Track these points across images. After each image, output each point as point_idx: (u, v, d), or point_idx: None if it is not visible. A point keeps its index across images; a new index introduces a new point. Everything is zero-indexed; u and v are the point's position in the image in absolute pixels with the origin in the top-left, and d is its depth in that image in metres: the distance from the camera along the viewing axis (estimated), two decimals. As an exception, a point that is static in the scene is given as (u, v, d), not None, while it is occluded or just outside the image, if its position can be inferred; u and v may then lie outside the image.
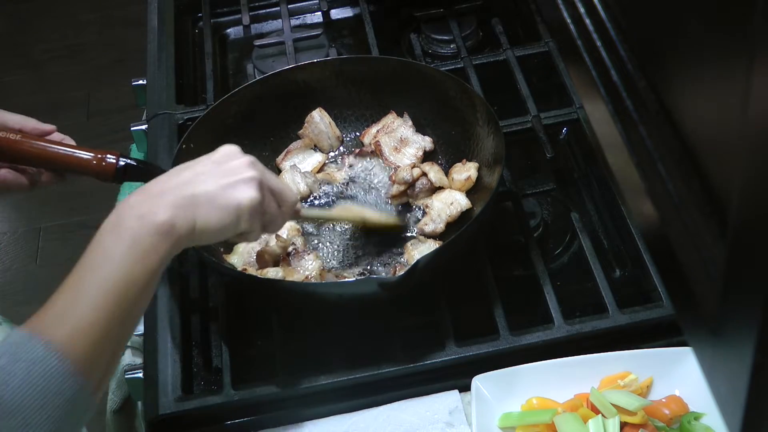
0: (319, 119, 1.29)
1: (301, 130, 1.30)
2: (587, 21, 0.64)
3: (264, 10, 1.65)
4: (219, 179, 0.91)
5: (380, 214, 1.20)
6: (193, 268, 1.20)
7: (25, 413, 0.74)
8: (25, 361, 0.75)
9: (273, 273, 1.11)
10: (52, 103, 3.10)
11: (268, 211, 0.95)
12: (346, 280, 1.12)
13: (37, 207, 2.76)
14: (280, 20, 1.58)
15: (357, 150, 1.29)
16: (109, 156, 1.08)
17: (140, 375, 1.12)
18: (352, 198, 1.25)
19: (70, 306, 0.80)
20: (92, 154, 1.08)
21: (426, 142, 1.27)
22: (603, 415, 0.96)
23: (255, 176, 0.93)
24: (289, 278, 1.11)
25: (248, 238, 0.98)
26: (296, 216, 1.06)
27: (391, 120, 1.28)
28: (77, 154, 1.08)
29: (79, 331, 0.79)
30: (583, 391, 1.00)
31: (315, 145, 1.30)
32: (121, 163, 1.08)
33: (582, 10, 0.65)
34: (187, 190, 0.88)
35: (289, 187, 1.00)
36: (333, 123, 1.30)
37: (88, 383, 0.79)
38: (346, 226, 1.21)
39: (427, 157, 1.27)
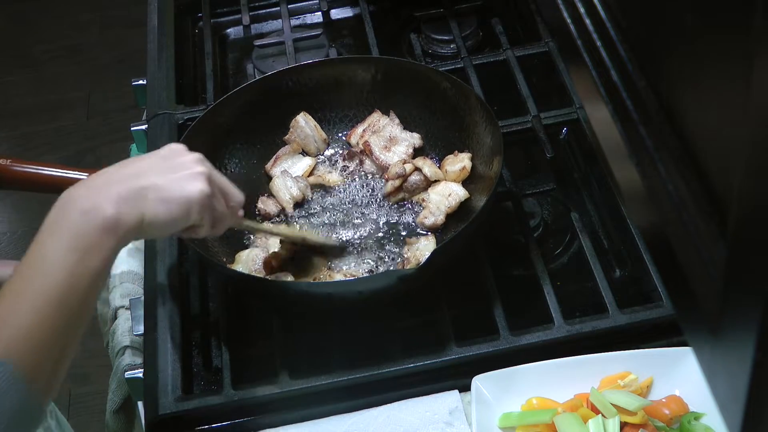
0: (304, 123, 1.29)
1: (287, 136, 1.30)
2: (587, 21, 0.65)
3: (264, 10, 1.65)
4: (168, 173, 0.89)
5: (320, 237, 1.18)
6: (192, 269, 1.20)
7: None
8: None
9: (283, 277, 1.11)
10: (52, 103, 3.10)
11: (217, 208, 0.94)
12: (365, 276, 1.12)
13: (37, 207, 2.74)
14: (280, 20, 1.58)
15: (346, 151, 1.30)
16: None
17: (140, 375, 1.12)
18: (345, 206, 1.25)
19: (10, 311, 0.77)
20: (86, 175, 1.08)
21: (415, 138, 1.27)
22: (603, 415, 0.96)
23: (204, 171, 0.92)
24: (299, 280, 1.11)
25: (197, 233, 0.96)
26: (239, 220, 1.04)
27: (376, 119, 1.29)
28: (71, 176, 1.08)
29: (19, 337, 0.76)
30: (583, 391, 1.00)
31: (302, 150, 1.30)
32: None
33: (582, 10, 0.65)
34: (134, 183, 0.86)
35: (235, 187, 0.99)
36: (318, 126, 1.30)
37: (34, 389, 0.76)
38: (343, 228, 1.21)
39: (417, 153, 1.27)
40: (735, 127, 0.44)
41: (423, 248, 1.13)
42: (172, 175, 0.89)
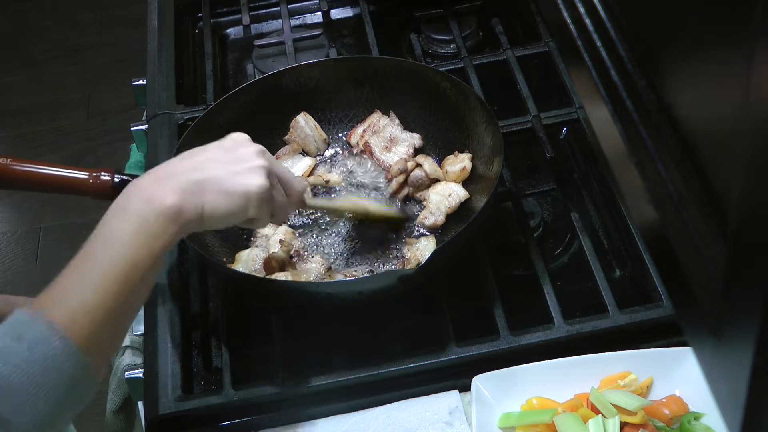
0: (304, 123, 1.29)
1: (287, 136, 1.30)
2: (587, 21, 0.65)
3: (264, 10, 1.65)
4: (228, 166, 0.91)
5: (383, 207, 1.21)
6: (192, 269, 1.20)
7: (28, 391, 0.74)
8: (27, 340, 0.76)
9: (283, 278, 1.11)
10: (52, 103, 3.10)
11: (276, 199, 0.96)
12: (365, 276, 1.12)
13: (37, 207, 2.76)
14: (280, 20, 1.58)
15: (346, 151, 1.30)
16: (103, 174, 1.08)
17: (140, 375, 1.12)
18: (357, 189, 1.25)
19: (74, 287, 0.81)
20: (87, 174, 1.08)
21: (415, 139, 1.27)
22: (603, 415, 0.96)
23: (264, 164, 0.93)
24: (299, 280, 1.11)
25: (256, 225, 0.99)
26: (302, 205, 1.06)
27: (376, 119, 1.29)
28: (71, 175, 1.08)
29: (81, 312, 0.79)
30: (583, 391, 1.00)
31: (303, 150, 1.30)
32: (117, 179, 1.08)
33: (582, 10, 0.65)
34: (195, 175, 0.89)
35: (296, 176, 1.01)
36: (318, 126, 1.30)
37: (90, 364, 0.79)
38: (344, 227, 1.21)
39: (417, 153, 1.27)
40: (735, 127, 0.44)
41: (423, 248, 1.13)
42: (233, 168, 0.91)
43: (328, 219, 1.22)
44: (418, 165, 1.22)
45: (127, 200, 0.86)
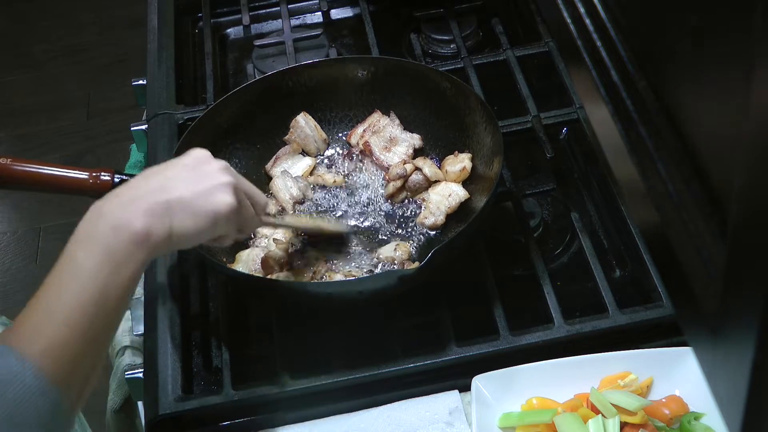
0: (304, 123, 1.29)
1: (287, 136, 1.30)
2: (587, 21, 0.64)
3: (264, 10, 1.65)
4: (193, 185, 0.89)
5: (333, 224, 1.20)
6: (192, 269, 1.20)
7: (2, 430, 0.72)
8: None
9: (283, 277, 1.11)
10: (52, 103, 3.10)
11: (244, 214, 0.94)
12: (365, 276, 1.12)
13: (37, 207, 2.76)
14: (280, 20, 1.58)
15: (346, 151, 1.30)
16: (103, 174, 1.08)
17: (140, 375, 1.12)
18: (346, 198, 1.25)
19: (44, 321, 0.78)
20: (87, 174, 1.08)
21: (415, 139, 1.27)
22: (603, 415, 0.96)
23: (230, 181, 0.92)
24: (298, 280, 1.11)
25: (222, 242, 0.97)
26: (262, 222, 1.04)
27: (376, 119, 1.29)
28: (71, 175, 1.08)
29: (53, 347, 0.76)
30: (583, 391, 1.00)
31: (303, 150, 1.30)
32: (117, 179, 1.08)
33: (582, 10, 0.65)
34: (161, 197, 0.86)
35: (260, 191, 1.00)
36: (318, 126, 1.30)
37: (65, 399, 0.76)
38: (342, 221, 1.21)
39: (417, 154, 1.27)
40: (735, 127, 0.44)
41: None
42: (199, 187, 0.89)
43: (325, 216, 1.22)
44: (417, 168, 1.22)
45: (92, 227, 0.83)
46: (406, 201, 1.23)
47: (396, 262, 1.13)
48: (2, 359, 0.75)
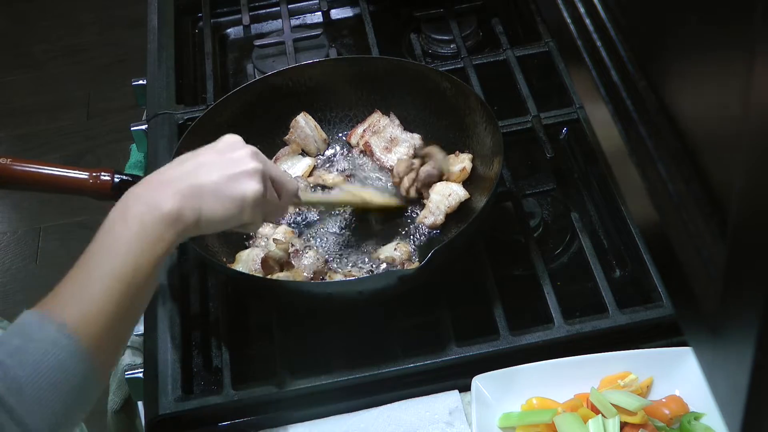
0: (304, 123, 1.29)
1: (287, 136, 1.30)
2: (587, 21, 0.64)
3: (264, 10, 1.65)
4: (223, 170, 0.92)
5: (381, 195, 1.21)
6: (192, 269, 1.20)
7: (39, 392, 0.76)
8: (38, 341, 0.77)
9: (283, 277, 1.11)
10: (52, 103, 3.10)
11: (271, 201, 0.97)
12: (365, 276, 1.12)
13: (37, 207, 2.76)
14: (280, 20, 1.58)
15: (346, 151, 1.30)
16: (103, 174, 1.08)
17: (140, 375, 1.12)
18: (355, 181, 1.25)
19: (81, 289, 0.82)
20: (87, 174, 1.08)
21: (415, 139, 1.27)
22: (603, 415, 0.96)
23: (258, 168, 0.94)
24: (298, 280, 1.11)
25: (249, 228, 1.00)
26: (297, 203, 1.07)
27: (377, 119, 1.29)
28: (71, 175, 1.08)
29: (89, 315, 0.80)
30: (583, 391, 1.00)
31: (302, 150, 1.30)
32: (117, 179, 1.08)
33: (582, 10, 0.65)
34: (192, 180, 0.89)
35: (289, 176, 1.02)
36: (318, 126, 1.30)
37: (98, 365, 0.81)
38: (341, 222, 1.21)
39: (417, 156, 1.27)
40: (735, 127, 0.44)
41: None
42: (228, 172, 0.92)
43: (324, 215, 1.22)
44: (423, 162, 1.22)
45: (126, 206, 0.87)
46: (419, 197, 1.23)
47: (396, 262, 1.13)
48: (41, 325, 0.79)
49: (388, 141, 1.27)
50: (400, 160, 1.23)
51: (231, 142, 0.96)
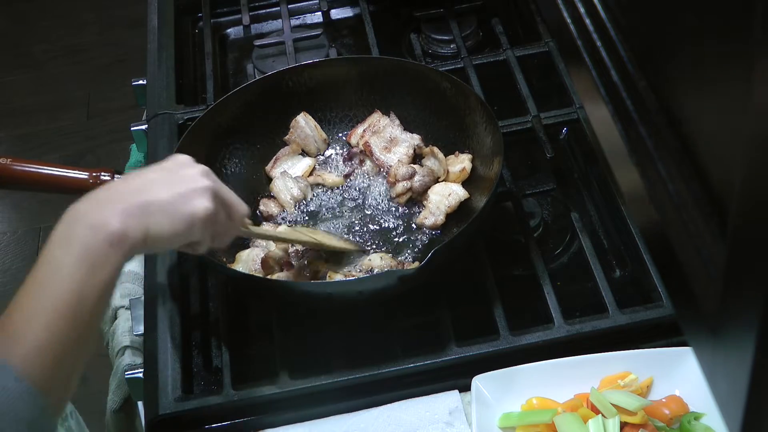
0: (305, 123, 1.28)
1: (287, 136, 1.30)
2: (587, 21, 0.64)
3: (264, 10, 1.65)
4: (174, 187, 0.88)
5: (336, 239, 1.17)
6: (193, 269, 1.20)
7: None
8: None
9: (283, 277, 1.11)
10: (52, 103, 3.10)
11: (220, 222, 0.93)
12: (365, 276, 1.12)
13: (37, 207, 2.76)
14: (280, 20, 1.58)
15: (346, 152, 1.30)
16: (103, 174, 1.08)
17: (140, 375, 1.12)
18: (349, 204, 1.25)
19: (23, 325, 0.77)
20: (87, 174, 1.08)
21: (415, 140, 1.27)
22: (603, 415, 0.96)
23: (209, 186, 0.91)
24: (299, 280, 1.11)
25: (196, 249, 0.95)
26: (244, 233, 1.03)
27: (377, 119, 1.29)
28: (71, 175, 1.08)
29: (34, 351, 0.76)
30: (583, 391, 1.00)
31: (302, 150, 1.30)
32: (117, 179, 1.08)
33: (582, 10, 0.65)
34: (139, 198, 0.85)
35: (239, 199, 0.99)
36: (318, 126, 1.30)
37: (48, 404, 0.76)
38: (343, 222, 1.21)
39: (417, 154, 1.27)
40: (735, 126, 0.44)
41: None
42: (177, 189, 0.88)
43: (326, 216, 1.22)
44: (421, 167, 1.22)
45: (69, 227, 0.82)
46: (412, 203, 1.23)
47: (384, 269, 1.13)
48: None
49: (388, 141, 1.27)
50: (402, 164, 1.22)
51: (181, 160, 0.93)
